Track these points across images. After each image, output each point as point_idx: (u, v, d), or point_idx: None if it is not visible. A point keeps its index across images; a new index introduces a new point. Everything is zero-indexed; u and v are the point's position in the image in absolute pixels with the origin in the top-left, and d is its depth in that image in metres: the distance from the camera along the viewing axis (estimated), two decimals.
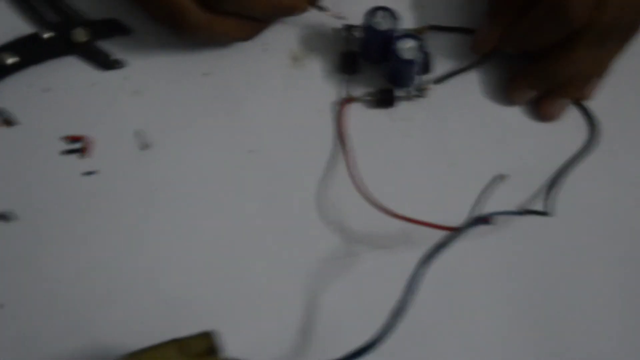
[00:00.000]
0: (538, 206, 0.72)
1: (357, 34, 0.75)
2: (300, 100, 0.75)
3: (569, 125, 0.75)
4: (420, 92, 0.74)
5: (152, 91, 0.74)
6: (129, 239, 0.70)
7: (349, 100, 0.74)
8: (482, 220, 0.66)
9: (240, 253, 0.70)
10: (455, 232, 0.64)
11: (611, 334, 0.70)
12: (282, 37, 0.76)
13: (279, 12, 0.73)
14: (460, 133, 0.74)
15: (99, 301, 0.69)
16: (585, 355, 0.69)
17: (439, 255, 0.63)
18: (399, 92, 0.74)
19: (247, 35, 0.74)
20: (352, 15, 0.74)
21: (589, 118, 0.74)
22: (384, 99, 0.74)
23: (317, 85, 0.75)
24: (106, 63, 0.74)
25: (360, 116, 0.74)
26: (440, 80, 0.74)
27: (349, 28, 0.75)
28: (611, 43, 0.71)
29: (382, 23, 0.71)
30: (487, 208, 0.67)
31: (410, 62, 0.71)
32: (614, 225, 0.73)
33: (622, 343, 0.70)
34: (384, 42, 0.72)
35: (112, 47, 0.75)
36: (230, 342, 0.60)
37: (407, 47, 0.71)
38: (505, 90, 0.75)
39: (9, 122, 0.72)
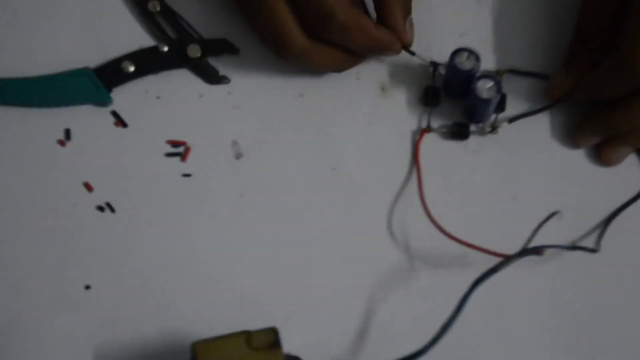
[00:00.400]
0: (588, 244, 0.74)
1: (442, 70, 0.78)
2: (384, 127, 0.78)
3: (627, 172, 0.77)
4: (494, 129, 0.77)
5: (251, 107, 0.78)
6: (214, 238, 0.75)
7: (427, 130, 0.78)
8: (534, 250, 0.69)
9: (311, 259, 0.75)
10: (508, 259, 0.67)
11: None
12: (374, 68, 0.80)
13: (375, 50, 0.76)
14: (525, 169, 0.77)
15: (180, 291, 0.73)
16: None
17: (490, 279, 0.65)
18: (473, 127, 0.78)
19: (342, 67, 0.78)
20: (439, 53, 0.78)
21: None
22: (459, 132, 0.78)
23: (400, 115, 0.79)
24: (214, 78, 0.79)
25: (436, 146, 0.78)
26: (513, 119, 0.78)
27: (435, 65, 0.78)
28: None
29: (465, 63, 0.75)
30: (541, 240, 0.70)
31: (487, 101, 0.74)
32: None
33: None
34: (465, 80, 0.75)
35: (220, 64, 0.79)
36: (290, 340, 0.64)
37: (486, 87, 0.74)
38: (572, 133, 0.77)
39: (123, 123, 0.77)
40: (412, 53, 0.78)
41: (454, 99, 0.79)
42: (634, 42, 0.70)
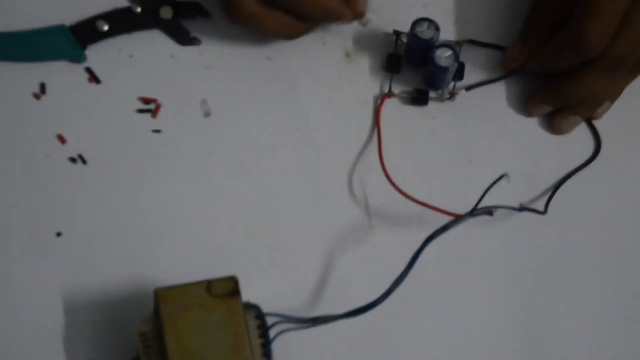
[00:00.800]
0: (538, 207, 0.76)
1: (404, 39, 0.80)
2: (347, 91, 0.80)
3: (577, 140, 0.80)
4: (452, 96, 0.79)
5: (221, 68, 0.80)
6: (181, 191, 0.76)
7: (389, 95, 0.79)
8: (485, 211, 0.70)
9: (274, 215, 0.76)
10: (459, 218, 0.69)
11: (590, 323, 0.75)
12: (340, 35, 0.82)
13: (325, 17, 0.77)
14: (481, 135, 0.80)
15: (148, 240, 0.74)
16: (563, 338, 0.75)
17: (444, 237, 0.67)
18: (433, 94, 0.80)
19: (293, 34, 0.79)
20: (402, 23, 0.80)
21: (595, 135, 0.80)
22: (419, 98, 0.80)
23: (363, 80, 0.81)
24: (185, 39, 0.80)
25: (396, 110, 0.80)
26: (470, 88, 0.80)
27: (398, 34, 0.80)
28: (621, 73, 0.76)
29: (425, 32, 0.77)
30: (493, 202, 0.71)
31: (445, 69, 0.76)
32: (601, 229, 0.78)
33: (600, 332, 0.75)
34: (425, 48, 0.77)
35: (192, 26, 0.80)
36: (251, 291, 0.66)
37: (444, 56, 0.76)
38: (526, 103, 0.80)
39: (97, 79, 0.78)
40: (364, 24, 0.80)
41: (415, 66, 0.81)
42: (584, 17, 0.72)
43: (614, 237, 0.78)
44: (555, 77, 0.78)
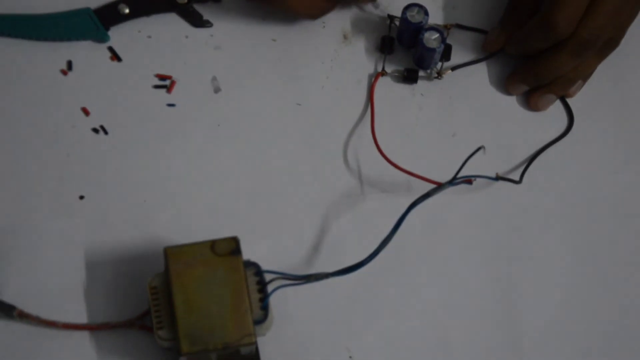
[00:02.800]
0: (515, 176, 0.77)
1: (397, 23, 0.80)
2: (344, 70, 0.80)
3: (552, 116, 0.80)
4: (439, 75, 0.80)
5: (230, 48, 0.80)
6: (193, 160, 0.77)
7: (382, 73, 0.80)
8: (464, 180, 0.71)
9: (274, 181, 0.77)
10: (440, 186, 0.70)
11: (558, 283, 0.75)
12: (338, 18, 0.82)
13: None
14: (465, 111, 0.80)
15: (162, 204, 0.75)
16: (536, 298, 0.75)
17: (427, 204, 0.68)
18: (422, 73, 0.80)
19: (315, 13, 0.80)
20: (396, 8, 0.80)
21: (568, 112, 0.80)
22: (409, 77, 0.80)
23: (359, 60, 0.81)
24: (198, 22, 0.81)
25: (389, 88, 0.80)
26: (455, 68, 0.80)
27: (391, 18, 0.81)
28: (591, 54, 0.76)
29: (415, 16, 0.77)
30: (472, 172, 0.71)
31: (433, 50, 0.77)
32: (572, 198, 0.77)
33: (566, 292, 0.75)
34: (415, 31, 0.78)
35: (204, 10, 0.81)
36: (252, 249, 0.68)
37: (432, 38, 0.76)
38: (504, 82, 0.80)
39: (118, 57, 0.79)
40: (377, 6, 0.82)
41: (406, 47, 0.81)
42: (555, 3, 0.73)
43: (583, 206, 0.77)
44: (530, 58, 0.79)
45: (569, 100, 0.80)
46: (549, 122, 0.80)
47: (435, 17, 0.81)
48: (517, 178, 0.77)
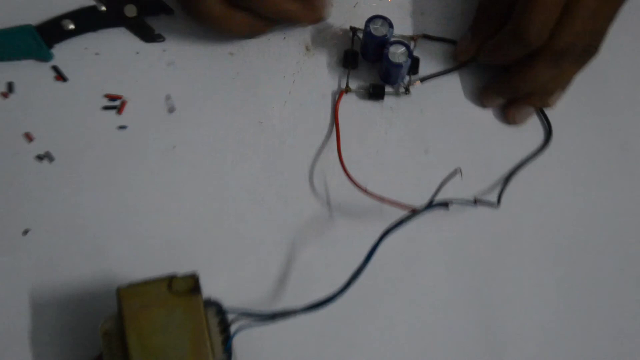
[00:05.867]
0: (492, 196, 0.71)
1: (360, 35, 0.74)
2: (307, 85, 0.75)
3: (529, 129, 0.74)
4: (407, 90, 0.73)
5: (184, 64, 0.74)
6: (147, 187, 0.71)
7: (346, 90, 0.74)
8: (441, 204, 0.65)
9: (237, 208, 0.71)
10: (415, 212, 0.64)
11: (540, 308, 0.70)
12: (300, 30, 0.76)
13: (285, 18, 0.73)
14: (437, 126, 0.74)
15: (114, 236, 0.69)
16: (516, 326, 0.69)
17: (399, 230, 0.62)
18: (389, 89, 0.74)
19: (252, 32, 0.74)
20: (360, 20, 0.74)
21: (547, 124, 0.74)
22: (375, 93, 0.74)
23: (322, 75, 0.75)
24: (149, 36, 0.74)
25: (354, 105, 0.74)
26: (425, 79, 0.74)
27: (354, 30, 0.75)
28: (567, 63, 0.70)
29: (379, 29, 0.71)
30: (449, 193, 0.67)
31: (399, 65, 0.71)
32: (552, 218, 0.72)
33: (551, 320, 0.70)
34: (379, 45, 0.72)
35: (156, 23, 0.75)
36: (214, 284, 0.63)
37: (398, 52, 0.70)
38: (479, 95, 0.74)
39: (63, 77, 0.73)
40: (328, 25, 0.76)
41: (371, 62, 0.75)
42: (524, 10, 0.67)
43: (564, 224, 0.72)
44: (505, 69, 0.73)
45: (548, 111, 0.75)
46: (527, 134, 0.74)
47: (401, 28, 0.76)
48: (494, 197, 0.71)
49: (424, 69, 0.75)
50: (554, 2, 0.67)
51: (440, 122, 0.74)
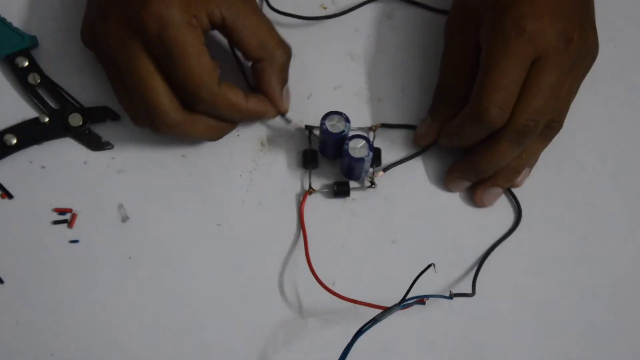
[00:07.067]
0: (466, 282, 0.68)
1: (317, 133, 0.71)
2: (266, 181, 0.71)
3: (499, 209, 0.71)
4: (372, 184, 0.70)
5: (135, 170, 0.71)
6: (104, 301, 0.68)
7: (309, 192, 0.70)
8: (416, 300, 0.63)
9: (200, 316, 0.68)
10: (388, 310, 0.61)
11: None
12: (254, 128, 0.72)
13: (248, 118, 0.70)
14: (403, 214, 0.71)
15: (72, 355, 0.66)
16: None
17: (374, 328, 0.60)
18: (353, 184, 0.71)
19: (217, 136, 0.70)
20: (316, 111, 0.70)
21: (515, 203, 0.71)
22: (340, 191, 0.71)
23: (281, 169, 0.71)
24: (97, 144, 0.71)
25: (319, 205, 0.71)
26: (387, 168, 0.71)
27: (310, 129, 0.72)
28: (531, 141, 0.67)
29: (336, 126, 0.68)
30: (422, 283, 0.62)
31: (361, 160, 0.67)
32: (528, 299, 0.69)
33: None
34: (338, 141, 0.68)
35: (103, 131, 0.71)
36: None
37: (358, 147, 0.67)
38: (444, 179, 0.71)
39: (8, 194, 0.69)
40: (288, 121, 0.72)
41: (332, 159, 0.72)
42: (482, 91, 0.65)
43: (542, 306, 0.69)
44: (468, 151, 0.70)
45: (516, 190, 0.72)
46: (496, 215, 0.71)
47: (359, 118, 0.73)
48: (468, 284, 0.68)
49: (386, 157, 0.72)
50: (511, 80, 0.65)
51: (406, 210, 0.71)
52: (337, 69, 0.75)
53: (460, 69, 0.70)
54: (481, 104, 0.65)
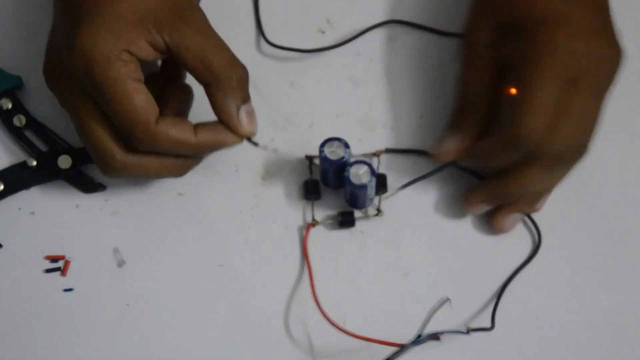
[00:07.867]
0: (485, 316, 0.64)
1: (317, 162, 0.67)
2: (268, 220, 0.68)
3: (516, 235, 0.67)
4: (379, 212, 0.67)
5: (130, 211, 0.68)
6: (100, 351, 0.65)
7: (313, 224, 0.67)
8: (431, 337, 0.61)
9: None
10: (403, 348, 0.59)
11: None
12: (253, 161, 0.69)
13: (204, 151, 0.65)
14: (414, 244, 0.67)
15: None
16: None
17: None
18: (358, 213, 0.67)
19: (178, 173, 0.65)
20: (318, 141, 0.65)
21: (535, 229, 0.67)
22: (345, 221, 0.67)
23: (283, 204, 0.68)
24: (89, 186, 0.68)
25: (324, 238, 0.67)
26: (392, 193, 0.67)
27: (310, 158, 0.68)
28: (562, 165, 0.64)
29: (335, 152, 0.64)
30: (437, 318, 0.61)
31: (363, 187, 0.64)
32: (551, 331, 0.65)
33: None
34: (339, 169, 0.65)
35: (94, 172, 0.68)
36: None
37: (360, 172, 0.64)
38: (462, 202, 0.67)
39: None
40: (255, 144, 0.64)
41: (335, 188, 0.68)
42: (521, 117, 0.61)
43: (564, 338, 0.65)
44: (492, 174, 0.66)
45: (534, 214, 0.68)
46: (513, 242, 0.67)
47: (362, 145, 0.69)
48: (487, 317, 0.64)
49: (393, 184, 0.68)
50: (551, 104, 0.61)
51: (416, 239, 0.68)
52: (339, 96, 0.72)
53: (485, 83, 0.66)
54: (521, 128, 0.61)
